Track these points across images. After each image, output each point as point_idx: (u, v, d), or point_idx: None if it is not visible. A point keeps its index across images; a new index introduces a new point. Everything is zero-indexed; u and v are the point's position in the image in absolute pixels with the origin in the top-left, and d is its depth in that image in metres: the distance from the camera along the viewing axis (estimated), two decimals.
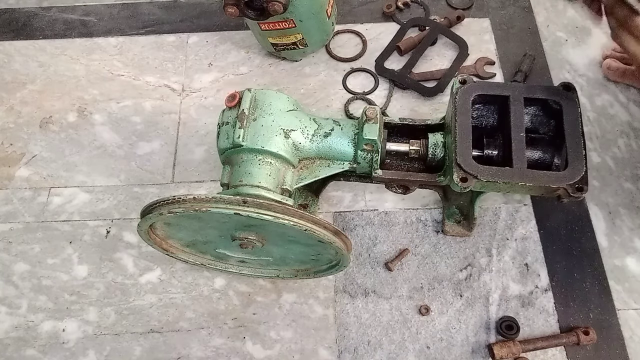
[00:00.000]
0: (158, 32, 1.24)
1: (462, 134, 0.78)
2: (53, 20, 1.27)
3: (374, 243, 0.99)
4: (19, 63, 1.21)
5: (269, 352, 0.91)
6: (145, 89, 1.16)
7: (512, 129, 0.78)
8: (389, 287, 0.95)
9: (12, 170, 1.08)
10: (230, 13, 0.98)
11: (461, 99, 0.80)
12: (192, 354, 0.91)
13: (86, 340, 0.93)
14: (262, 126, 0.79)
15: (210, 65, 1.19)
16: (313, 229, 0.71)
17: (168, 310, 0.94)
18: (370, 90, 1.14)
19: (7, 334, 0.93)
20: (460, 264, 0.97)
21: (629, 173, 1.03)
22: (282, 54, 1.15)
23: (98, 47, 1.23)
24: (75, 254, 0.99)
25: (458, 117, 0.79)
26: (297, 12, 1.01)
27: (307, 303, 0.94)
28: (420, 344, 0.91)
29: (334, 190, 1.03)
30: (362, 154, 0.82)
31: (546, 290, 0.94)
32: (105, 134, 1.11)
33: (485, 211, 1.00)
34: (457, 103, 0.79)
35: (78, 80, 1.18)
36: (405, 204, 1.02)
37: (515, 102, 0.79)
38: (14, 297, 0.96)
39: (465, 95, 0.80)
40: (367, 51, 1.19)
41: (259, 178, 0.78)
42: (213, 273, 0.97)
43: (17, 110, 1.15)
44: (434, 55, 1.17)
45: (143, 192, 1.05)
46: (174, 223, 0.80)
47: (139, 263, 0.98)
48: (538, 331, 0.91)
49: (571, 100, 0.79)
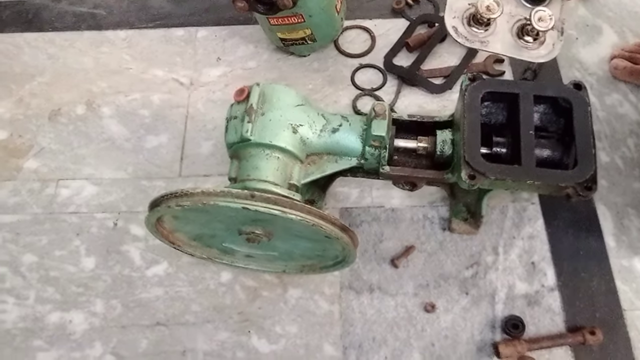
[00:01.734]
0: (167, 25, 1.24)
1: (471, 131, 0.77)
2: (63, 12, 1.27)
3: (380, 239, 0.99)
4: (29, 55, 1.21)
5: (274, 346, 0.91)
6: (154, 82, 1.17)
7: (521, 126, 0.77)
8: (394, 284, 0.95)
9: (20, 161, 1.09)
10: (240, 8, 0.98)
11: (470, 96, 0.79)
12: (198, 347, 0.91)
13: (93, 332, 0.93)
14: (270, 121, 0.79)
15: (218, 59, 1.19)
16: (320, 224, 0.71)
17: (174, 303, 0.95)
18: (379, 87, 1.14)
19: (15, 325, 0.94)
20: (466, 262, 0.96)
21: (637, 173, 1.02)
22: (290, 49, 1.15)
23: (107, 40, 1.23)
24: (82, 246, 1.00)
25: (467, 114, 0.78)
26: (306, 7, 1.01)
27: (312, 298, 0.95)
28: (425, 341, 0.91)
29: (341, 186, 1.03)
30: (370, 150, 0.82)
31: (552, 289, 0.94)
32: (113, 127, 1.12)
33: (493, 209, 1.00)
34: (466, 100, 0.79)
35: (87, 73, 1.18)
36: (412, 201, 1.02)
37: (525, 100, 0.79)
38: (22, 288, 0.97)
39: (474, 93, 0.80)
40: (375, 47, 1.18)
41: (267, 173, 0.78)
42: (219, 267, 0.97)
43: (26, 102, 1.15)
44: (443, 52, 1.17)
45: (150, 185, 1.05)
46: (182, 216, 0.80)
47: (145, 256, 0.99)
48: (544, 330, 0.91)
49: (581, 99, 0.78)
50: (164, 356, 0.91)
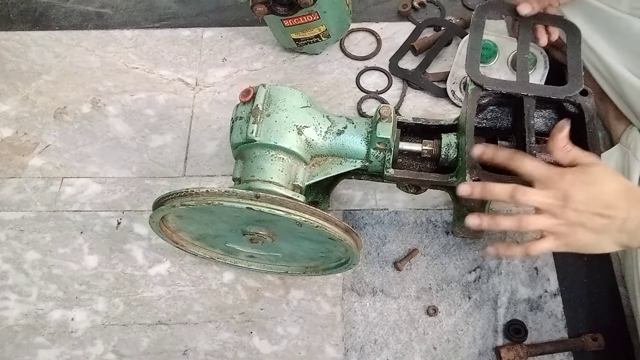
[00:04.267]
0: (173, 25, 1.25)
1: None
2: (70, 11, 1.28)
3: (383, 242, 0.99)
4: (35, 53, 1.22)
5: (275, 347, 0.91)
6: (159, 82, 1.17)
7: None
8: (397, 287, 0.95)
9: (25, 159, 1.09)
10: (259, 12, 0.98)
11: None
12: (199, 347, 0.92)
13: (94, 330, 0.93)
14: (275, 122, 0.79)
15: (224, 60, 1.19)
16: (324, 225, 0.71)
17: (176, 302, 0.95)
18: (384, 90, 1.14)
19: (17, 321, 0.94)
20: (469, 266, 0.96)
21: None
22: (304, 49, 1.16)
23: (113, 39, 1.23)
24: (85, 244, 1.00)
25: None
26: (321, 3, 1.01)
27: (314, 300, 0.95)
28: (427, 345, 0.91)
29: (345, 188, 1.03)
30: (375, 152, 0.82)
31: (555, 294, 0.94)
32: (118, 126, 1.12)
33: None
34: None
35: (93, 71, 1.19)
36: (415, 204, 1.02)
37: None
38: (25, 285, 0.97)
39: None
40: (381, 50, 1.19)
41: (271, 174, 0.78)
42: (222, 267, 0.97)
43: (32, 100, 1.15)
44: (448, 56, 1.17)
45: (154, 184, 1.05)
46: (186, 216, 0.80)
47: (148, 255, 0.99)
48: (546, 335, 0.91)
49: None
50: (165, 355, 0.91)
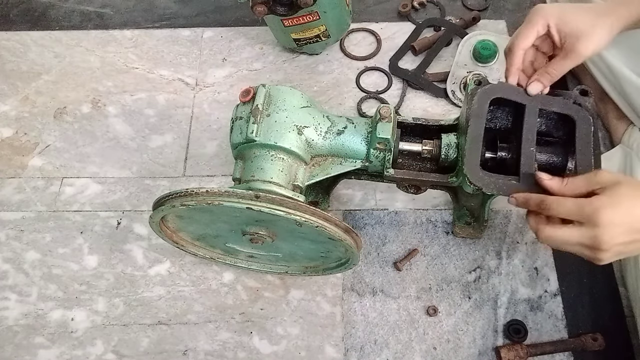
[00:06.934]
0: (173, 26, 1.25)
1: (473, 141, 0.76)
2: (70, 11, 1.28)
3: (383, 242, 0.99)
4: (35, 53, 1.22)
5: (275, 347, 0.91)
6: (159, 82, 1.17)
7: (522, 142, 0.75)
8: (397, 287, 0.95)
9: (25, 159, 1.09)
10: (259, 12, 0.98)
11: (476, 103, 0.78)
12: (199, 347, 0.92)
13: (94, 330, 0.93)
14: (275, 122, 0.79)
15: (224, 60, 1.19)
16: (324, 225, 0.71)
17: (176, 302, 0.95)
18: (384, 90, 1.14)
19: (17, 322, 0.94)
20: (469, 266, 0.96)
21: None
22: (304, 49, 1.15)
23: (113, 39, 1.23)
24: (85, 244, 1.00)
25: (471, 121, 0.77)
26: (322, 3, 1.01)
27: (314, 300, 0.95)
28: (427, 345, 0.91)
29: (345, 188, 1.03)
30: (375, 152, 0.82)
31: (555, 294, 0.94)
32: (118, 126, 1.12)
33: (496, 214, 1.00)
34: (472, 106, 0.78)
35: (93, 71, 1.19)
36: (415, 204, 1.02)
37: (530, 114, 0.77)
38: (24, 285, 0.97)
39: (481, 99, 0.78)
40: (381, 50, 1.19)
41: (271, 174, 0.78)
42: (222, 267, 0.97)
43: (32, 100, 1.15)
44: (448, 56, 1.17)
45: (154, 184, 1.05)
46: (186, 216, 0.80)
47: (148, 255, 0.99)
48: (546, 336, 0.91)
49: (584, 115, 0.77)
50: (165, 355, 0.91)
